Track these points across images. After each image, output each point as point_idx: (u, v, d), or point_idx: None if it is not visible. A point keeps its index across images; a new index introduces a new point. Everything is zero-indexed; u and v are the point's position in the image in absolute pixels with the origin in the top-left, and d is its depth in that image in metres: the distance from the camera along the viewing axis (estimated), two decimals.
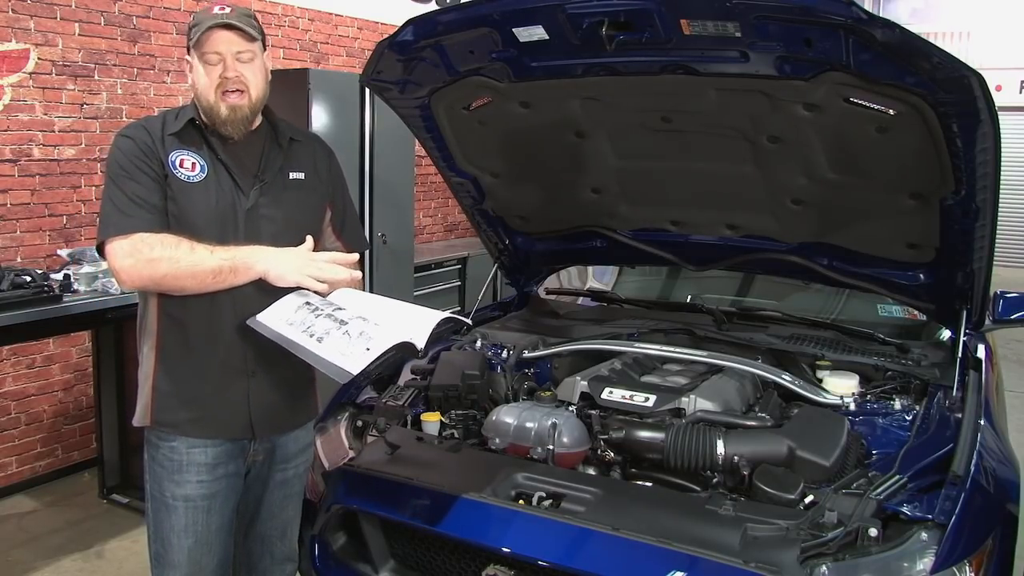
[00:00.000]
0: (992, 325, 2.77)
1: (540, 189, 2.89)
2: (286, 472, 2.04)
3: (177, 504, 1.86)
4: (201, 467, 1.86)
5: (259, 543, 2.07)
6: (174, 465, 1.86)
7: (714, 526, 1.72)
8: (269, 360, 1.88)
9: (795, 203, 2.52)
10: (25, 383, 4.01)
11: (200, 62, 1.81)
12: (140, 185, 1.77)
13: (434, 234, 6.89)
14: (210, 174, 1.83)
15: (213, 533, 1.90)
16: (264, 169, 1.90)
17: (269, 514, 2.05)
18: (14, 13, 3.76)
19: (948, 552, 1.59)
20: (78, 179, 4.10)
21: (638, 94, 2.33)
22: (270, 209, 1.89)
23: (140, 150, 1.79)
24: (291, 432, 2.02)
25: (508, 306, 3.39)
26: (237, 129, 1.84)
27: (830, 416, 2.13)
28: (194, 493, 1.86)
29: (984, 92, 1.82)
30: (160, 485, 1.88)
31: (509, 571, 1.82)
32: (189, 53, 1.85)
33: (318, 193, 2.01)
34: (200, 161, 1.83)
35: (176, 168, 1.81)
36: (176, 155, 1.81)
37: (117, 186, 1.77)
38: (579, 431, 2.14)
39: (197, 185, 1.82)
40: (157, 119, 1.87)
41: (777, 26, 1.88)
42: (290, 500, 2.08)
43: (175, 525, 1.86)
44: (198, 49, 1.80)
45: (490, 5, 2.10)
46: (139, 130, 1.83)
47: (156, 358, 1.86)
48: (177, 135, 1.83)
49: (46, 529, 3.63)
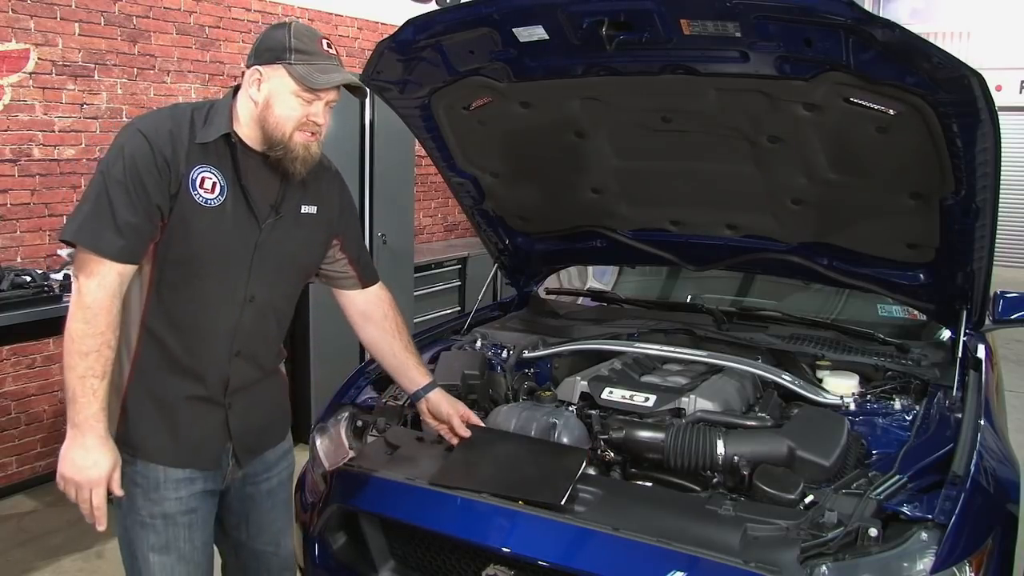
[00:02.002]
0: (992, 325, 2.77)
1: (540, 189, 2.88)
2: (270, 481, 1.95)
3: (156, 522, 1.73)
4: (179, 483, 1.74)
5: (254, 559, 1.98)
6: (149, 483, 1.72)
7: (714, 526, 1.72)
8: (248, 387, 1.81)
9: (795, 203, 2.52)
10: (25, 383, 4.01)
11: (294, 95, 1.66)
12: (131, 204, 1.58)
13: (434, 234, 6.89)
14: (228, 198, 1.68)
15: (198, 550, 1.79)
16: (282, 201, 1.77)
17: (258, 529, 1.96)
18: (14, 13, 3.75)
19: (948, 552, 1.59)
20: (78, 179, 4.10)
21: (638, 94, 2.33)
22: (280, 244, 1.77)
23: (153, 163, 1.60)
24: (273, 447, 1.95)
25: (508, 306, 3.39)
26: (305, 166, 1.72)
27: (830, 416, 2.13)
28: (172, 510, 1.74)
29: (984, 92, 1.82)
30: (134, 503, 1.73)
31: (509, 571, 1.81)
32: (264, 64, 1.67)
33: (325, 228, 1.90)
34: (220, 182, 1.67)
35: (196, 188, 1.64)
36: (198, 172, 1.64)
37: (108, 191, 1.59)
38: (579, 431, 2.14)
39: (213, 211, 1.66)
40: (183, 118, 1.67)
41: (777, 26, 1.88)
42: (278, 510, 1.99)
43: (154, 544, 1.74)
44: (304, 83, 1.64)
45: (490, 5, 2.10)
46: (161, 135, 1.62)
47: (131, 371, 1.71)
48: (204, 147, 1.66)
49: (46, 529, 3.63)
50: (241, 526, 1.94)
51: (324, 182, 1.89)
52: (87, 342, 1.58)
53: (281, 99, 1.66)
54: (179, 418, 1.74)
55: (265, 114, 1.67)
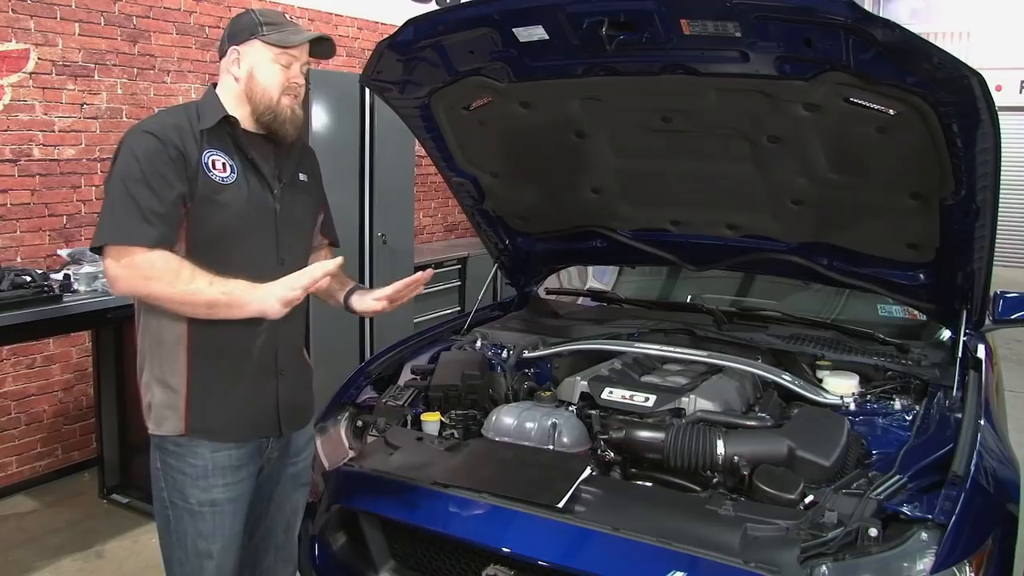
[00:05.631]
0: (992, 325, 2.77)
1: (540, 189, 2.88)
2: (296, 465, 2.06)
3: (204, 510, 1.83)
4: (226, 470, 1.84)
5: (264, 539, 2.08)
6: (198, 471, 1.82)
7: (714, 526, 1.72)
8: (293, 358, 1.94)
9: (795, 203, 2.52)
10: (25, 383, 4.01)
11: (273, 61, 1.81)
12: (155, 196, 1.68)
13: (434, 234, 6.89)
14: (240, 176, 1.81)
15: (237, 535, 1.89)
16: (281, 170, 1.91)
17: (277, 507, 2.06)
18: (14, 13, 3.75)
19: (948, 552, 1.59)
20: (78, 179, 4.10)
21: (638, 94, 2.33)
22: (293, 209, 1.91)
23: (167, 155, 1.70)
24: (304, 427, 2.06)
25: (508, 306, 3.39)
26: (295, 127, 1.86)
27: (830, 416, 2.13)
28: (220, 497, 1.84)
29: (984, 92, 1.82)
30: (183, 492, 1.83)
31: (509, 571, 1.82)
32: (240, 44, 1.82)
33: (315, 195, 2.06)
34: (230, 163, 1.80)
35: (210, 170, 1.75)
36: (208, 156, 1.76)
37: (130, 191, 1.68)
38: (579, 431, 2.14)
39: (230, 187, 1.78)
40: (180, 116, 1.79)
41: (777, 26, 1.88)
42: (297, 491, 2.08)
43: (202, 531, 1.83)
44: (280, 47, 1.80)
45: (490, 5, 2.10)
46: (167, 129, 1.74)
47: (187, 363, 1.80)
48: (207, 134, 1.78)
49: (46, 529, 3.63)
50: (263, 502, 2.03)
51: (307, 155, 2.04)
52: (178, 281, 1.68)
53: (262, 69, 1.82)
54: (241, 393, 1.85)
55: (250, 86, 1.82)
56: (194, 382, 1.81)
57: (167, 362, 1.81)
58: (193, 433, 1.81)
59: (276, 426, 1.92)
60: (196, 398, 1.81)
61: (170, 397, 1.81)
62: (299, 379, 1.99)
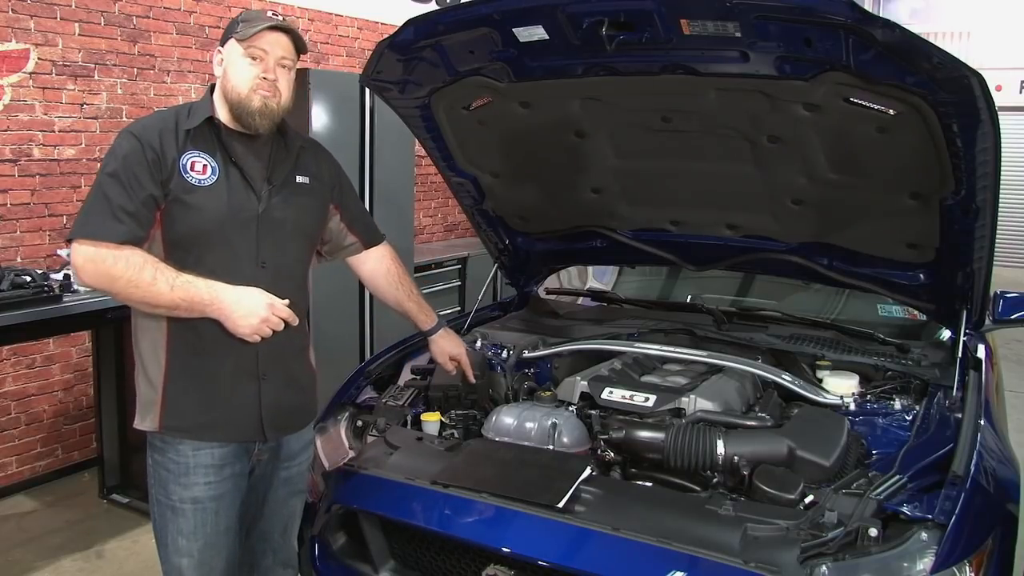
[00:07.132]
0: (992, 325, 2.77)
1: (540, 189, 2.88)
2: (290, 470, 2.05)
3: (185, 507, 1.85)
4: (208, 468, 1.85)
5: (261, 541, 2.08)
6: (180, 468, 1.84)
7: (714, 526, 1.71)
8: (278, 361, 1.92)
9: (795, 203, 2.52)
10: (25, 383, 4.01)
11: (243, 56, 1.83)
12: (127, 195, 1.73)
13: (434, 234, 6.89)
14: (221, 177, 1.82)
15: (221, 534, 1.89)
16: (273, 172, 1.91)
17: (272, 511, 2.06)
18: (14, 13, 3.75)
19: (948, 552, 1.59)
20: (78, 179, 4.10)
21: (638, 94, 2.33)
22: (280, 212, 1.90)
23: (144, 157, 1.75)
24: (297, 431, 2.04)
25: (508, 306, 3.39)
26: (265, 122, 1.85)
27: (830, 416, 2.13)
28: (202, 495, 1.85)
29: (984, 92, 1.82)
30: (166, 488, 1.86)
31: (509, 571, 1.82)
32: (223, 45, 1.86)
33: (321, 197, 2.05)
34: (212, 164, 1.82)
35: (187, 172, 1.78)
36: (187, 157, 1.79)
37: (103, 188, 1.74)
38: (579, 431, 2.14)
39: (208, 189, 1.80)
40: (169, 116, 1.84)
41: (777, 26, 1.88)
42: (293, 497, 2.09)
43: (183, 528, 1.85)
44: (244, 43, 1.82)
45: (490, 5, 2.10)
46: (149, 131, 1.78)
47: (166, 360, 1.83)
48: (191, 134, 1.81)
49: (46, 529, 3.63)
50: (256, 506, 2.04)
51: (313, 156, 2.05)
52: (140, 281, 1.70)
53: (234, 66, 1.85)
54: (218, 394, 1.85)
55: (225, 83, 1.85)
56: (171, 380, 1.84)
57: (148, 357, 1.85)
58: (167, 430, 1.84)
59: (259, 429, 1.91)
60: (172, 396, 1.84)
61: (149, 393, 1.85)
62: (290, 383, 1.96)
